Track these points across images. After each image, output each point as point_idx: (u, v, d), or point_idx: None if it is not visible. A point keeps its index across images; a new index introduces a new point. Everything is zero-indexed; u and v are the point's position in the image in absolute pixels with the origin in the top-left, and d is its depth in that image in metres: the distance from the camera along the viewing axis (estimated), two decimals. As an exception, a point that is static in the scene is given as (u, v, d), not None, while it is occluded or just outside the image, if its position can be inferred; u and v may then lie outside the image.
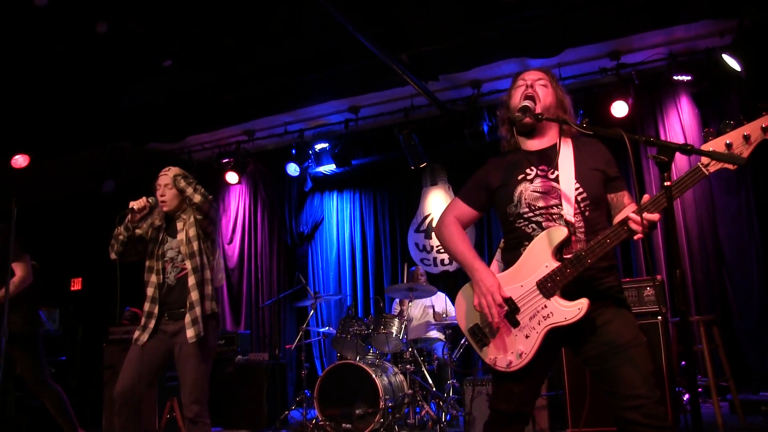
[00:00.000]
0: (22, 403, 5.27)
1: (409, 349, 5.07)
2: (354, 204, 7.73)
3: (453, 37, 5.16)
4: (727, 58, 4.95)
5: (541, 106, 2.16)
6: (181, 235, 3.18)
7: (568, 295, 2.02)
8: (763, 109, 1.77)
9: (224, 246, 7.41)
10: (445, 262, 7.11)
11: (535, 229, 2.11)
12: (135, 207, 3.15)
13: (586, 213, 2.10)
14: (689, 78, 5.35)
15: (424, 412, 4.95)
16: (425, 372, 5.14)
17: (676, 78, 5.39)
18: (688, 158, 5.47)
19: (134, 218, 3.18)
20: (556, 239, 2.03)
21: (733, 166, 1.76)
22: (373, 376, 4.62)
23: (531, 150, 2.23)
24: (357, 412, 4.63)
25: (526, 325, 2.06)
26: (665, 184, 1.75)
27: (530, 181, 2.15)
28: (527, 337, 2.06)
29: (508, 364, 2.08)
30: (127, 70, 5.43)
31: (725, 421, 4.11)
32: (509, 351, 2.09)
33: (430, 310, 6.01)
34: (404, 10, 4.90)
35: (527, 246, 2.11)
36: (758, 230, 5.31)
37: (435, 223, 7.71)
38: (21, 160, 6.32)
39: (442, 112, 6.10)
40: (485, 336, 2.16)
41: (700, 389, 4.75)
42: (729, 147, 1.80)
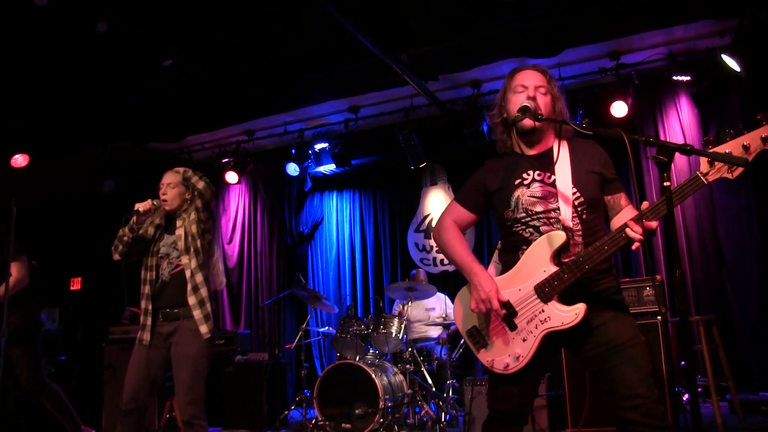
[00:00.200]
0: (22, 403, 5.27)
1: (409, 349, 5.08)
2: (354, 204, 7.73)
3: (453, 37, 5.16)
4: (726, 58, 4.95)
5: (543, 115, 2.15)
6: (179, 231, 3.16)
7: (566, 299, 2.02)
8: (762, 120, 1.77)
9: (224, 246, 7.41)
10: (445, 262, 7.11)
11: (533, 234, 2.11)
12: (140, 209, 3.14)
13: (584, 216, 2.10)
14: (689, 78, 5.35)
15: (423, 412, 4.95)
16: (425, 372, 5.15)
17: (675, 78, 5.39)
18: (688, 158, 5.47)
19: (139, 220, 3.17)
20: (555, 244, 2.04)
21: (732, 176, 1.77)
22: (373, 376, 4.62)
23: (528, 153, 2.22)
24: (357, 412, 4.63)
25: (524, 328, 2.07)
26: (665, 184, 1.75)
27: (527, 186, 2.15)
28: (524, 340, 2.07)
29: (506, 367, 2.09)
30: (128, 70, 5.44)
31: (725, 421, 4.11)
32: (506, 354, 2.10)
33: (431, 312, 6.02)
34: (404, 10, 4.90)
35: (525, 250, 2.11)
36: (758, 230, 5.31)
37: (434, 224, 7.67)
38: (21, 160, 6.32)
39: (442, 112, 6.10)
40: (483, 338, 2.18)
41: (700, 389, 4.75)
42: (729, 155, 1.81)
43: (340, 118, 6.61)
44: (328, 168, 7.15)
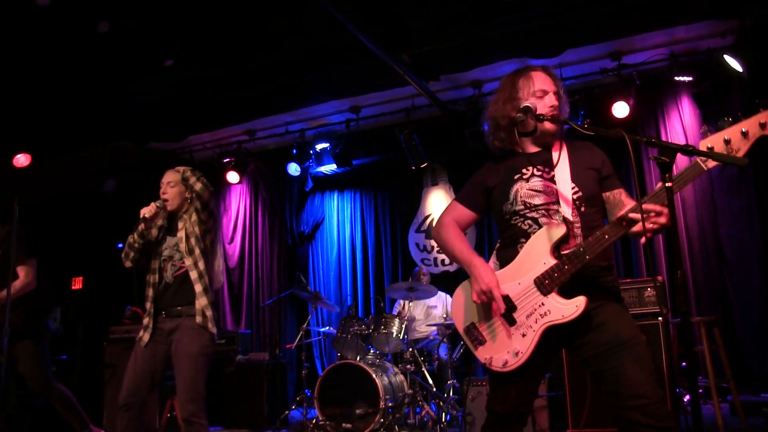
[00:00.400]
0: (24, 402, 5.28)
1: (410, 349, 5.07)
2: (355, 204, 7.73)
3: (454, 38, 5.16)
4: (728, 58, 4.95)
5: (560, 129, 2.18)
6: (180, 233, 3.17)
7: (566, 294, 2.00)
8: (761, 106, 1.77)
9: (225, 245, 7.42)
10: (446, 262, 7.11)
11: (531, 226, 2.11)
12: (146, 215, 3.14)
13: (582, 209, 2.10)
14: (690, 78, 5.34)
15: (424, 412, 4.95)
16: (425, 372, 5.14)
17: (677, 78, 5.38)
18: (690, 159, 5.46)
19: (147, 225, 3.18)
20: (555, 236, 2.03)
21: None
22: (374, 376, 4.62)
23: (528, 152, 2.24)
24: (357, 412, 4.63)
25: (523, 323, 2.04)
26: (667, 185, 1.75)
27: (527, 180, 2.16)
28: (524, 335, 2.03)
29: (504, 364, 2.06)
30: (129, 70, 5.44)
31: (726, 422, 4.10)
32: (505, 350, 2.07)
33: (432, 311, 6.02)
34: (405, 10, 4.90)
35: (524, 243, 2.10)
36: (759, 231, 5.30)
37: (434, 223, 7.65)
38: (23, 159, 6.33)
39: (443, 112, 6.10)
40: (481, 335, 2.15)
41: (701, 390, 4.75)
42: (727, 143, 1.80)
43: (341, 118, 6.61)
44: (329, 168, 7.15)
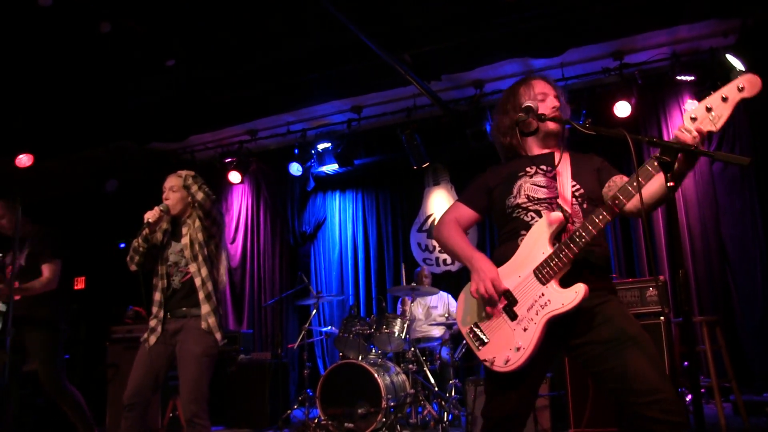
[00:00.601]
0: (26, 402, 5.29)
1: (411, 349, 5.08)
2: (356, 204, 7.73)
3: (455, 37, 5.16)
4: (730, 57, 4.94)
5: (562, 130, 2.24)
6: (185, 239, 3.20)
7: (566, 285, 1.99)
8: (739, 74, 1.84)
9: (227, 245, 7.42)
10: (448, 261, 7.11)
11: (533, 218, 2.12)
12: (150, 219, 3.14)
13: (584, 206, 2.12)
14: (692, 78, 5.33)
15: (426, 412, 4.95)
16: (427, 371, 5.15)
17: (679, 78, 5.37)
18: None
19: (152, 229, 3.19)
20: (553, 225, 2.04)
21: (716, 128, 1.84)
22: (376, 376, 4.62)
23: (531, 154, 2.27)
24: (359, 412, 4.63)
25: (524, 317, 2.02)
26: (668, 185, 1.75)
27: (530, 176, 2.19)
28: (525, 330, 2.01)
29: (506, 361, 2.02)
30: (130, 70, 5.45)
31: (728, 422, 4.10)
32: (508, 348, 2.04)
33: (434, 311, 6.02)
34: (406, 10, 4.90)
35: (525, 236, 2.11)
36: (762, 230, 5.29)
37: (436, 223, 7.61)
38: (25, 160, 6.34)
39: (444, 112, 6.09)
40: (484, 335, 2.13)
41: (703, 390, 4.74)
42: (709, 110, 1.85)
43: (343, 118, 6.61)
44: (331, 168, 7.16)
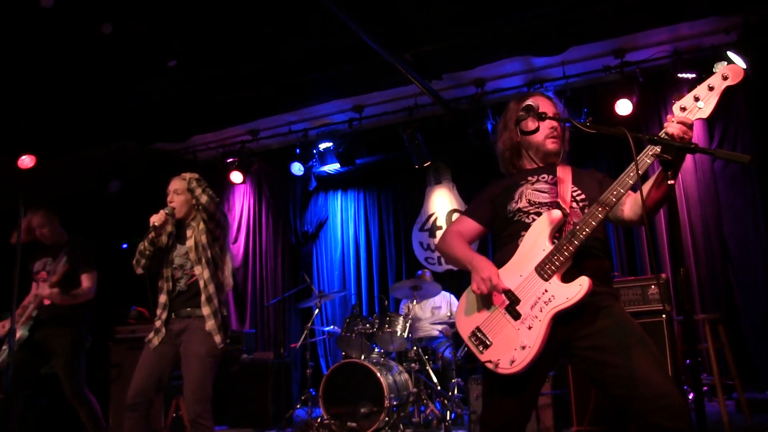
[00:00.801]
0: (30, 401, 5.31)
1: (414, 348, 5.08)
2: (358, 203, 7.74)
3: (456, 36, 5.15)
4: (732, 55, 4.93)
5: (562, 149, 2.31)
6: (189, 242, 3.21)
7: (569, 281, 1.99)
8: (721, 65, 1.94)
9: (229, 245, 7.42)
10: (451, 264, 7.09)
11: (534, 219, 2.14)
12: (156, 223, 3.17)
13: (585, 210, 2.12)
14: (694, 76, 5.31)
15: (428, 411, 4.95)
16: (430, 371, 5.15)
17: (680, 76, 5.35)
18: (693, 156, 5.45)
19: (158, 232, 3.21)
20: (552, 222, 2.06)
21: (706, 116, 1.87)
22: (378, 375, 4.63)
23: (532, 167, 2.33)
24: (362, 411, 4.64)
25: (528, 315, 1.99)
26: (669, 182, 1.75)
27: (532, 184, 2.23)
28: (530, 328, 1.97)
29: (512, 361, 1.97)
30: (132, 71, 5.46)
31: (731, 419, 4.10)
32: (512, 348, 2.00)
33: (438, 311, 6.01)
34: (408, 9, 4.90)
35: (524, 236, 2.12)
36: (764, 228, 5.27)
37: (439, 223, 7.60)
38: (28, 161, 6.35)
39: (446, 110, 6.09)
40: (486, 338, 2.08)
41: (706, 388, 4.74)
42: (697, 99, 1.89)
43: (344, 118, 6.61)
44: (333, 167, 7.16)
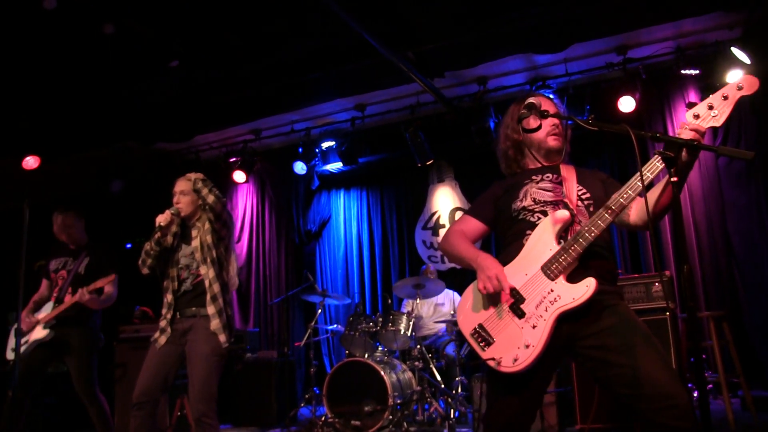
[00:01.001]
0: (36, 400, 5.33)
1: (418, 346, 5.08)
2: (361, 202, 7.74)
3: (458, 34, 5.14)
4: (736, 51, 4.90)
5: (564, 147, 2.29)
6: (195, 242, 3.22)
7: (574, 281, 1.97)
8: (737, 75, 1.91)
9: (234, 245, 7.44)
10: (455, 264, 7.08)
11: (540, 218, 2.12)
12: (162, 223, 3.18)
13: (591, 209, 2.12)
14: (698, 72, 5.29)
15: (432, 409, 4.95)
16: (433, 369, 5.15)
17: (684, 72, 5.33)
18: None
19: (164, 233, 3.21)
20: (558, 222, 2.04)
21: (719, 124, 1.87)
22: (382, 373, 4.63)
23: (535, 167, 2.30)
24: (366, 409, 4.65)
25: (533, 314, 1.98)
26: (672, 180, 1.74)
27: (536, 183, 2.21)
28: (534, 327, 1.96)
29: (515, 360, 1.95)
30: (135, 71, 5.47)
31: (737, 417, 4.08)
32: (515, 346, 1.98)
33: (440, 308, 6.01)
34: (409, 8, 4.90)
35: (530, 235, 2.10)
36: (768, 225, 5.27)
37: (442, 221, 7.59)
38: (32, 162, 6.37)
39: (448, 109, 6.08)
40: (489, 335, 2.06)
41: (711, 386, 4.72)
42: (711, 108, 1.88)
43: (347, 117, 6.61)
44: (335, 166, 7.16)
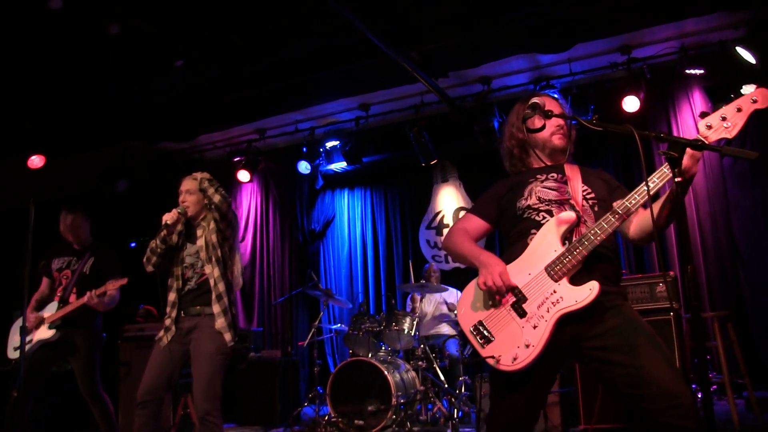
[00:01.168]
0: (41, 399, 5.36)
1: (421, 346, 5.08)
2: (365, 201, 7.74)
3: (462, 34, 5.14)
4: (740, 50, 4.89)
5: (569, 147, 2.28)
6: (200, 242, 3.23)
7: (578, 283, 1.97)
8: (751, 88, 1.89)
9: (238, 245, 7.45)
10: (458, 262, 7.08)
11: (545, 217, 2.10)
12: (168, 221, 3.19)
13: (595, 209, 2.11)
14: (702, 71, 5.28)
15: (436, 409, 4.95)
16: (437, 369, 5.15)
17: (688, 72, 5.31)
18: (701, 153, 5.41)
19: (169, 231, 3.23)
20: (564, 224, 2.03)
21: (731, 135, 1.85)
22: (385, 373, 4.63)
23: (540, 166, 2.29)
24: (369, 409, 4.65)
25: (534, 314, 1.97)
26: (676, 180, 1.74)
27: (541, 182, 2.19)
28: (535, 327, 1.95)
29: (514, 359, 1.94)
30: (139, 71, 5.49)
31: (741, 418, 4.07)
32: (515, 345, 1.96)
33: (443, 307, 6.02)
34: (413, 7, 4.90)
35: (534, 234, 2.09)
36: (774, 225, 5.25)
37: (446, 221, 7.57)
38: (37, 161, 6.39)
39: (452, 108, 6.08)
40: (489, 332, 2.04)
41: (715, 386, 4.71)
42: (724, 119, 1.87)
43: (351, 116, 6.62)
44: (339, 166, 7.17)
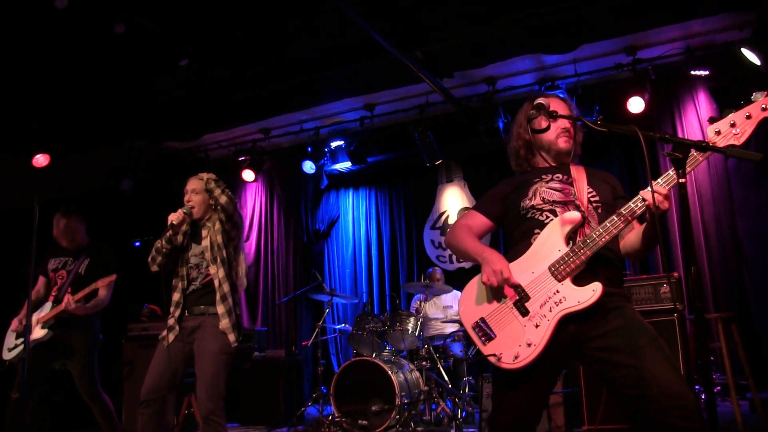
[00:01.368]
0: (44, 398, 5.38)
1: (425, 346, 5.09)
2: (370, 201, 7.75)
3: (467, 34, 5.14)
4: (746, 51, 4.87)
5: (574, 148, 2.27)
6: (205, 242, 3.24)
7: (581, 284, 1.97)
8: (761, 95, 1.89)
9: (243, 246, 7.46)
10: (461, 259, 7.09)
11: (549, 217, 2.10)
12: (174, 221, 3.19)
13: (599, 211, 2.11)
14: (707, 73, 5.26)
15: (439, 409, 4.96)
16: (441, 369, 5.16)
17: (693, 73, 5.30)
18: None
19: (175, 231, 3.24)
20: (569, 224, 2.03)
21: (739, 142, 1.84)
22: (389, 373, 4.64)
23: (545, 166, 2.28)
24: (373, 409, 4.66)
25: (537, 313, 1.97)
26: (680, 181, 1.74)
27: (546, 182, 2.19)
28: (537, 326, 1.95)
29: (515, 357, 1.94)
30: (145, 70, 5.51)
31: (745, 420, 4.06)
32: (517, 343, 1.96)
33: (449, 310, 6.01)
34: (418, 7, 4.90)
35: (539, 234, 2.09)
36: (778, 226, 5.23)
37: (450, 221, 7.59)
38: (42, 160, 6.42)
39: (457, 108, 6.08)
40: (491, 330, 2.04)
41: (719, 388, 4.70)
42: (733, 126, 1.86)
43: (356, 116, 6.63)
44: (344, 166, 7.18)
